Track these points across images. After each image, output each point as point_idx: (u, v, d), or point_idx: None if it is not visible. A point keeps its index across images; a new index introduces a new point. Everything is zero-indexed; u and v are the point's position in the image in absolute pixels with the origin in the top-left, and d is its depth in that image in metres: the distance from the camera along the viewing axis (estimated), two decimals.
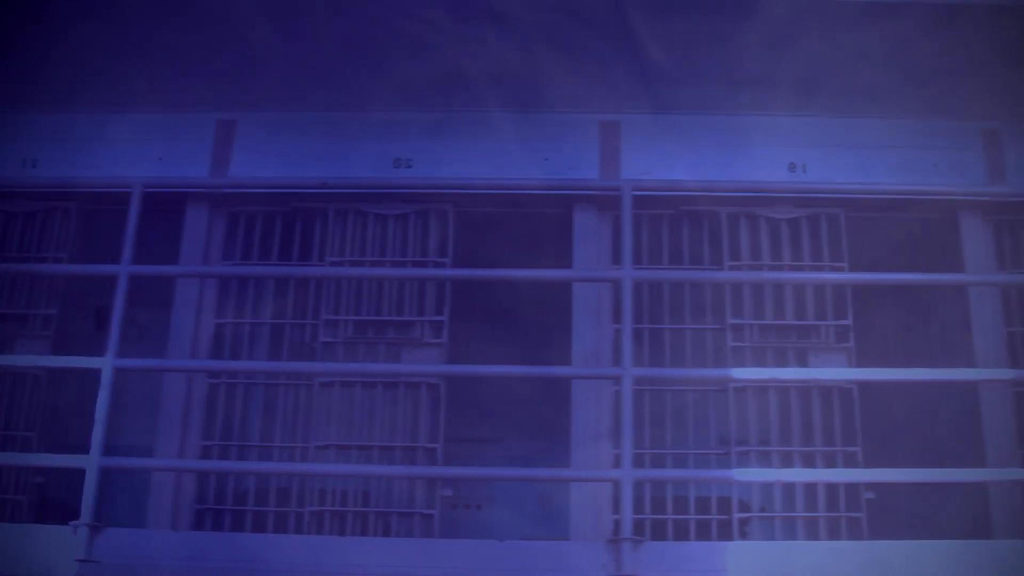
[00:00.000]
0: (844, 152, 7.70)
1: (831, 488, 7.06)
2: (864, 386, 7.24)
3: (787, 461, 7.15)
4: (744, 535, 7.01)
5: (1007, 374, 7.28)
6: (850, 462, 7.12)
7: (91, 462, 6.41)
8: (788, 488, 7.09)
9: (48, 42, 7.65)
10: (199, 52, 7.58)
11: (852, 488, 7.06)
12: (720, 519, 7.09)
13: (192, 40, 7.49)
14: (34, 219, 7.99)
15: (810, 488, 7.09)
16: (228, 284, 7.70)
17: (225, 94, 7.89)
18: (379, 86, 7.59)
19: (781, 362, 7.36)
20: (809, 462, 7.14)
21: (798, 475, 7.10)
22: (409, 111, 7.78)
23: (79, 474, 6.64)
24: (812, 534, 7.00)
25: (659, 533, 7.01)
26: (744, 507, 7.09)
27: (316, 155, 7.80)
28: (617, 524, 6.32)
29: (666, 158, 7.69)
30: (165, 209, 7.54)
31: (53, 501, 7.73)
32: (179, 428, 7.40)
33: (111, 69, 7.77)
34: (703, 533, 7.05)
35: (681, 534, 7.06)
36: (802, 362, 7.37)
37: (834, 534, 6.99)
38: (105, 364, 6.55)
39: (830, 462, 7.13)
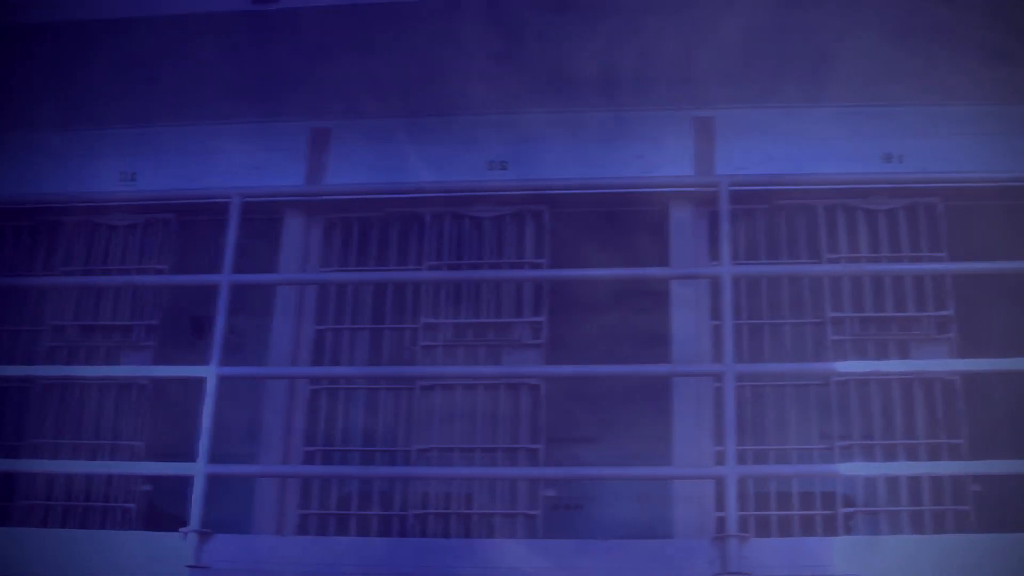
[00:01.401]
0: (941, 141, 7.62)
1: (936, 481, 6.97)
2: (967, 377, 7.16)
3: (890, 454, 7.08)
4: (849, 530, 6.94)
5: None
6: (954, 454, 7.02)
7: (199, 469, 6.50)
8: (892, 482, 7.01)
9: (144, 59, 7.79)
10: (293, 62, 7.67)
11: (958, 481, 6.96)
12: (824, 514, 7.03)
13: (286, 51, 7.59)
14: (134, 232, 8.12)
15: (914, 481, 7.00)
16: (327, 291, 7.76)
17: (319, 103, 7.96)
18: (472, 90, 7.62)
19: (882, 355, 7.28)
20: (913, 455, 7.06)
21: (902, 468, 7.03)
22: (502, 114, 7.81)
23: (184, 481, 6.74)
24: (918, 528, 6.93)
25: (763, 529, 6.97)
26: (848, 502, 7.03)
27: (410, 160, 7.85)
28: (721, 521, 6.29)
29: (760, 152, 7.63)
30: (262, 218, 7.62)
31: (161, 508, 7.85)
32: (282, 434, 7.48)
33: (206, 82, 7.89)
34: (807, 528, 7.00)
35: (785, 530, 7.00)
36: (903, 354, 7.28)
37: (941, 528, 6.90)
38: (209, 373, 6.64)
39: (934, 455, 7.05)
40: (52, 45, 7.87)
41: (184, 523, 6.50)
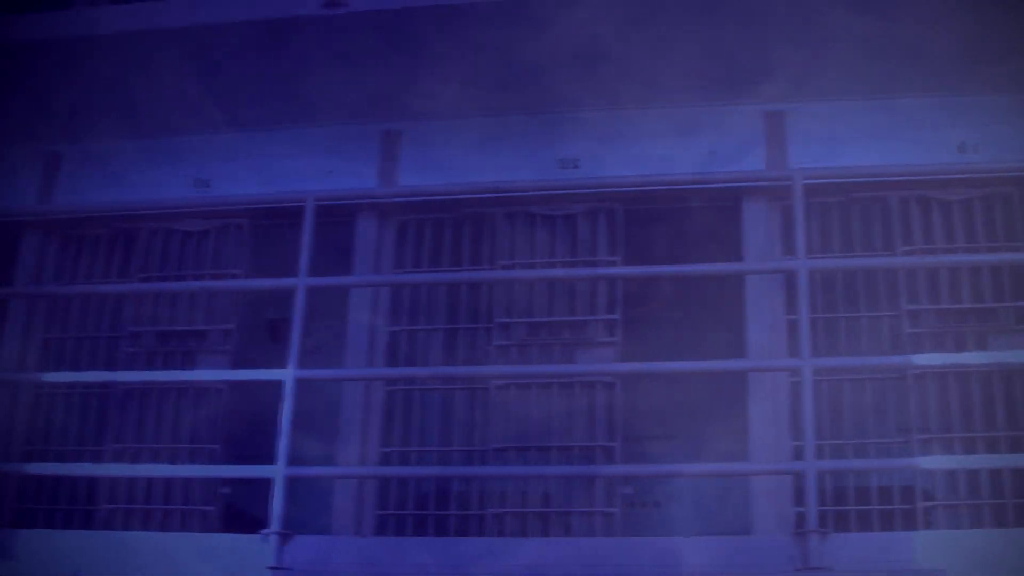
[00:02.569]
0: (1016, 130, 7.53)
1: (1017, 474, 6.89)
2: None
3: (970, 447, 7.02)
4: (929, 524, 6.89)
5: None
6: None
7: (278, 472, 6.55)
8: (973, 475, 6.95)
9: (215, 66, 7.86)
10: (363, 65, 7.71)
11: None
12: (904, 508, 6.98)
13: (356, 54, 7.62)
14: (208, 237, 8.20)
15: (995, 474, 6.94)
16: (401, 292, 7.80)
17: (390, 105, 8.00)
18: (542, 88, 7.64)
19: (960, 347, 7.22)
20: (993, 448, 7.00)
21: (982, 461, 6.97)
22: (572, 112, 7.80)
23: (262, 484, 6.80)
24: (999, 521, 6.86)
25: (842, 524, 6.92)
26: (928, 496, 6.98)
27: (482, 160, 7.86)
28: (801, 516, 6.27)
29: (832, 146, 7.58)
30: (334, 221, 7.65)
31: (239, 511, 7.91)
32: (359, 436, 7.51)
33: (277, 87, 7.96)
34: (887, 523, 6.95)
35: (864, 525, 6.96)
36: (981, 346, 7.20)
37: (1022, 521, 6.84)
38: (287, 375, 6.69)
39: (1015, 447, 6.98)
40: (125, 55, 7.96)
41: (262, 525, 6.56)
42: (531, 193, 7.63)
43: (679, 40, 7.31)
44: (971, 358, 7.12)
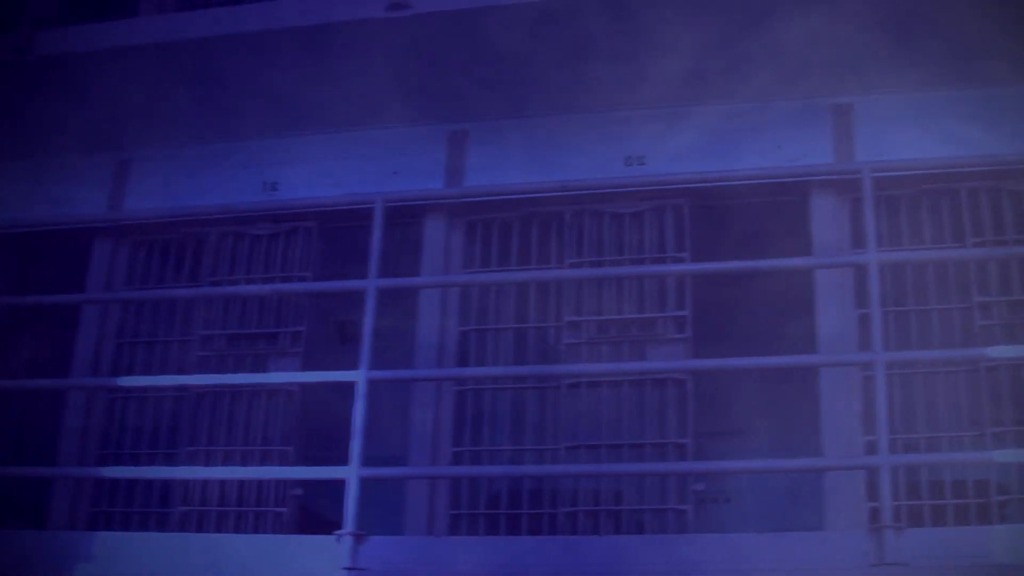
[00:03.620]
0: None
1: None
2: None
3: None
4: (1004, 518, 6.82)
5: None
6: None
7: (351, 473, 6.58)
8: None
9: (281, 70, 7.91)
10: (428, 66, 7.74)
11: None
12: (979, 502, 6.92)
13: (421, 55, 7.65)
14: (277, 240, 8.25)
15: None
16: (470, 292, 7.82)
17: (456, 105, 8.03)
18: (607, 86, 7.64)
19: None
20: None
21: None
22: (637, 109, 7.80)
23: (334, 485, 6.83)
24: None
25: (916, 519, 6.86)
26: (1003, 489, 6.91)
27: (548, 159, 7.88)
28: (874, 512, 6.23)
29: (899, 138, 7.52)
30: (402, 222, 7.69)
31: (311, 512, 7.96)
32: (430, 436, 7.55)
33: (343, 90, 8.00)
34: (961, 518, 6.88)
35: (939, 520, 6.89)
36: None
37: None
38: (359, 377, 6.71)
39: None
40: (191, 61, 8.03)
41: (335, 526, 6.59)
42: (598, 191, 7.62)
43: (743, 35, 7.29)
44: None
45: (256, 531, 7.66)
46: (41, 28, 8.44)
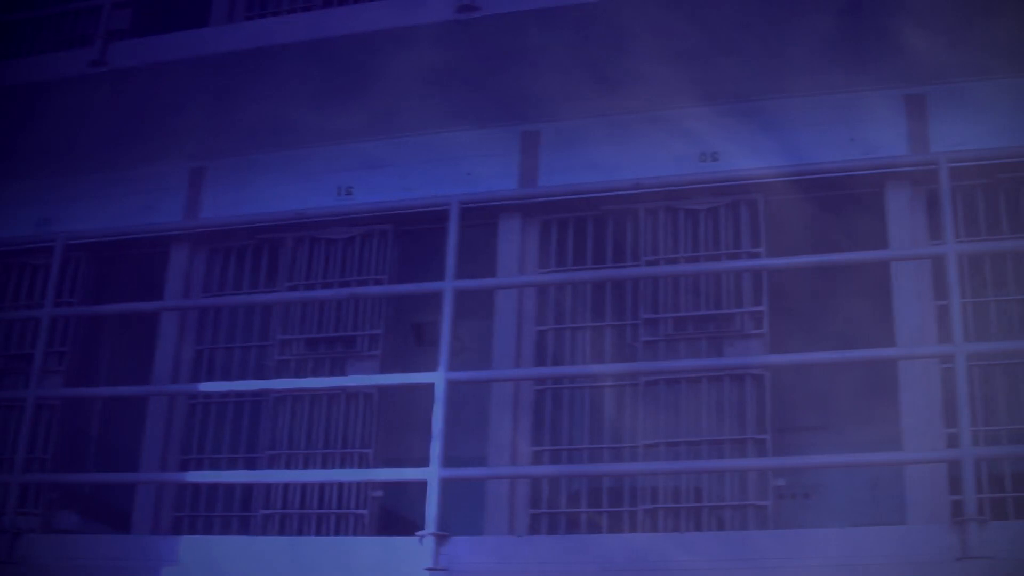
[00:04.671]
0: None
1: None
2: None
3: None
4: None
5: None
6: None
7: (432, 474, 6.60)
8: None
9: (354, 75, 7.96)
10: (498, 68, 7.76)
11: None
12: None
13: (491, 56, 7.67)
14: (353, 244, 8.30)
15: None
16: (546, 291, 7.83)
17: (527, 106, 8.05)
18: (679, 83, 7.62)
19: None
20: None
21: None
22: (710, 105, 7.79)
23: (413, 486, 6.86)
24: None
25: (999, 512, 6.78)
26: None
27: (621, 157, 7.88)
28: (957, 505, 6.16)
29: (974, 128, 7.45)
30: (477, 223, 7.71)
31: (392, 513, 7.99)
32: (509, 436, 7.56)
33: (415, 93, 8.04)
34: None
35: (1023, 512, 6.84)
36: None
37: None
38: (438, 378, 6.73)
39: None
40: (261, 68, 8.10)
41: (415, 527, 6.61)
42: (672, 188, 7.61)
43: (814, 29, 7.26)
44: None
45: (337, 533, 7.71)
46: (114, 41, 8.55)
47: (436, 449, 6.63)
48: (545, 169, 8.06)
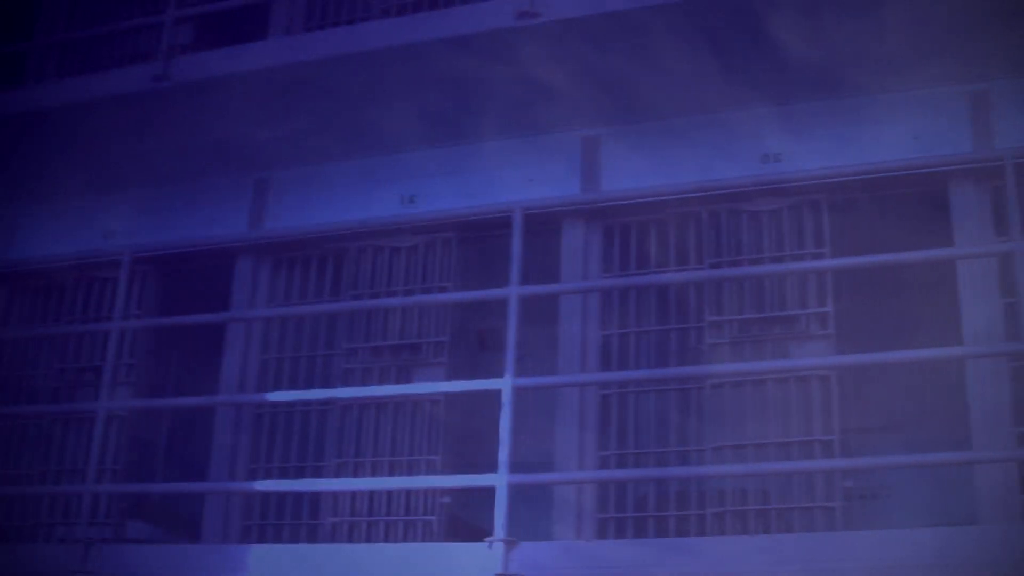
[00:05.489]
0: None
1: None
2: None
3: None
4: None
5: None
6: None
7: (500, 480, 6.63)
8: None
9: (415, 85, 8.00)
10: (558, 73, 7.77)
11: None
12: None
13: (551, 61, 7.68)
14: (416, 252, 8.34)
15: None
16: (610, 295, 7.82)
17: (587, 111, 8.07)
18: (740, 85, 7.61)
19: None
20: None
21: None
22: (771, 107, 7.78)
23: (481, 492, 6.88)
24: None
25: None
26: None
27: (683, 160, 7.88)
28: None
29: None
30: (539, 229, 7.72)
31: (461, 520, 8.01)
32: (576, 441, 7.56)
33: (476, 102, 8.08)
34: None
35: None
36: None
37: None
38: (505, 384, 6.76)
39: None
40: (322, 79, 8.16)
41: (483, 533, 6.63)
42: (735, 190, 7.59)
43: (876, 28, 7.23)
44: None
45: (405, 540, 7.73)
46: (177, 56, 8.64)
47: (504, 455, 6.66)
48: (607, 173, 8.06)
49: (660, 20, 7.34)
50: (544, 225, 7.81)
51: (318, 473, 8.13)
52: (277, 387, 8.45)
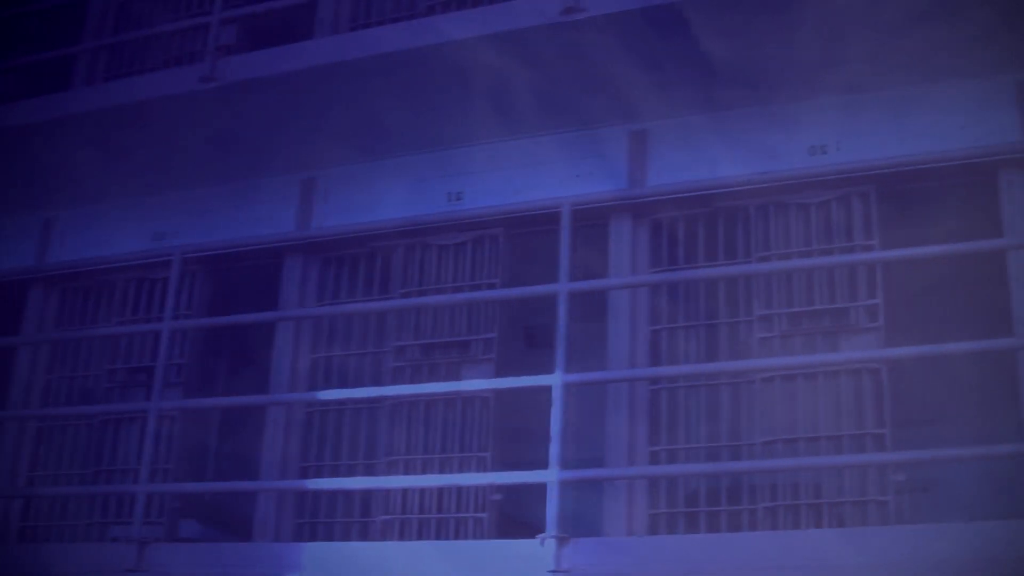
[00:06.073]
0: None
1: None
2: None
3: None
4: None
5: None
6: None
7: (552, 476, 6.63)
8: None
9: (462, 80, 8.01)
10: (605, 67, 7.77)
11: None
12: None
13: (597, 56, 7.68)
14: (464, 249, 8.35)
15: None
16: (659, 290, 7.80)
17: (634, 105, 8.05)
18: (785, 78, 7.60)
19: None
20: None
21: None
22: (818, 97, 7.74)
23: (531, 489, 6.88)
24: None
25: None
26: None
27: (730, 153, 7.84)
28: None
29: None
30: (586, 225, 7.71)
31: (512, 516, 8.02)
32: (626, 436, 7.55)
33: (522, 97, 8.07)
34: None
35: None
36: None
37: None
38: (555, 381, 6.76)
39: None
40: (370, 77, 8.18)
41: (534, 529, 6.64)
42: (782, 183, 7.56)
43: (923, 16, 7.18)
44: None
45: (456, 537, 7.75)
46: (223, 56, 8.68)
47: (555, 451, 6.67)
48: (654, 167, 8.05)
49: (703, 13, 7.33)
50: (591, 220, 7.79)
51: (369, 471, 8.16)
52: (327, 385, 8.48)
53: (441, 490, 7.85)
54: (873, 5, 7.14)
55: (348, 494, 8.11)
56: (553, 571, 6.48)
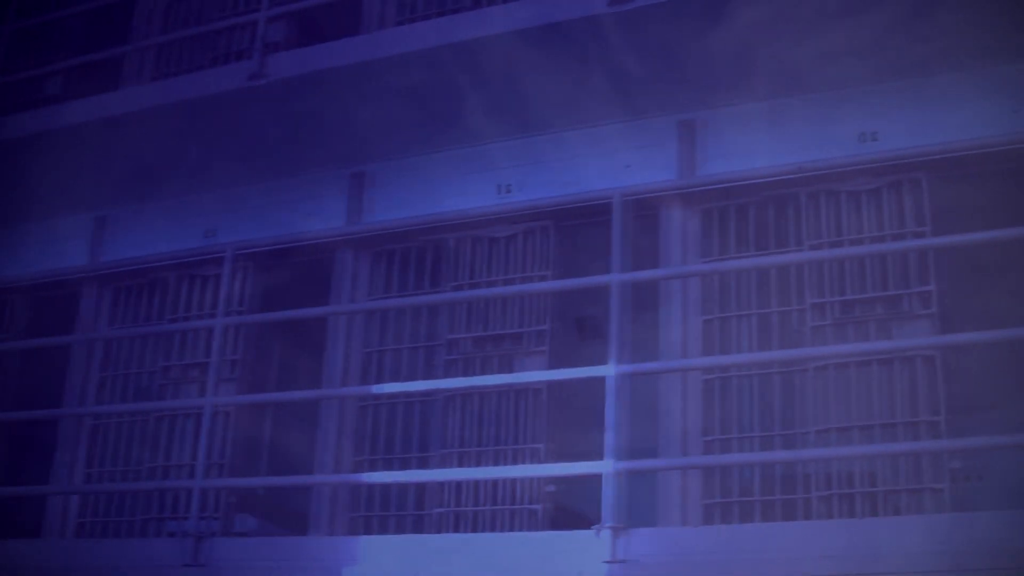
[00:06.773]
0: None
1: None
2: None
3: None
4: None
5: None
6: None
7: (607, 467, 6.64)
8: None
9: (510, 73, 8.03)
10: (652, 58, 7.76)
11: None
12: None
13: (645, 47, 7.67)
14: (515, 241, 8.36)
15: None
16: (709, 280, 7.80)
17: (683, 96, 8.05)
18: (836, 64, 7.56)
19: None
20: None
21: None
22: (867, 85, 7.70)
23: (585, 479, 6.88)
24: None
25: None
26: None
27: (780, 141, 7.82)
28: None
29: None
30: (637, 215, 7.66)
31: (566, 508, 8.03)
32: (679, 426, 7.56)
33: (572, 89, 8.10)
34: None
35: None
36: None
37: None
38: (609, 372, 6.76)
39: None
40: (417, 71, 8.20)
41: (588, 520, 6.64)
42: (833, 170, 7.54)
43: (971, 3, 7.15)
44: None
45: (511, 529, 7.77)
46: (271, 53, 8.73)
47: (610, 442, 6.67)
48: (704, 157, 8.03)
49: (751, 2, 7.32)
50: (641, 211, 7.75)
51: (423, 464, 8.20)
52: (380, 379, 8.52)
53: (496, 482, 7.88)
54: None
55: (403, 487, 8.15)
56: (609, 561, 6.49)
